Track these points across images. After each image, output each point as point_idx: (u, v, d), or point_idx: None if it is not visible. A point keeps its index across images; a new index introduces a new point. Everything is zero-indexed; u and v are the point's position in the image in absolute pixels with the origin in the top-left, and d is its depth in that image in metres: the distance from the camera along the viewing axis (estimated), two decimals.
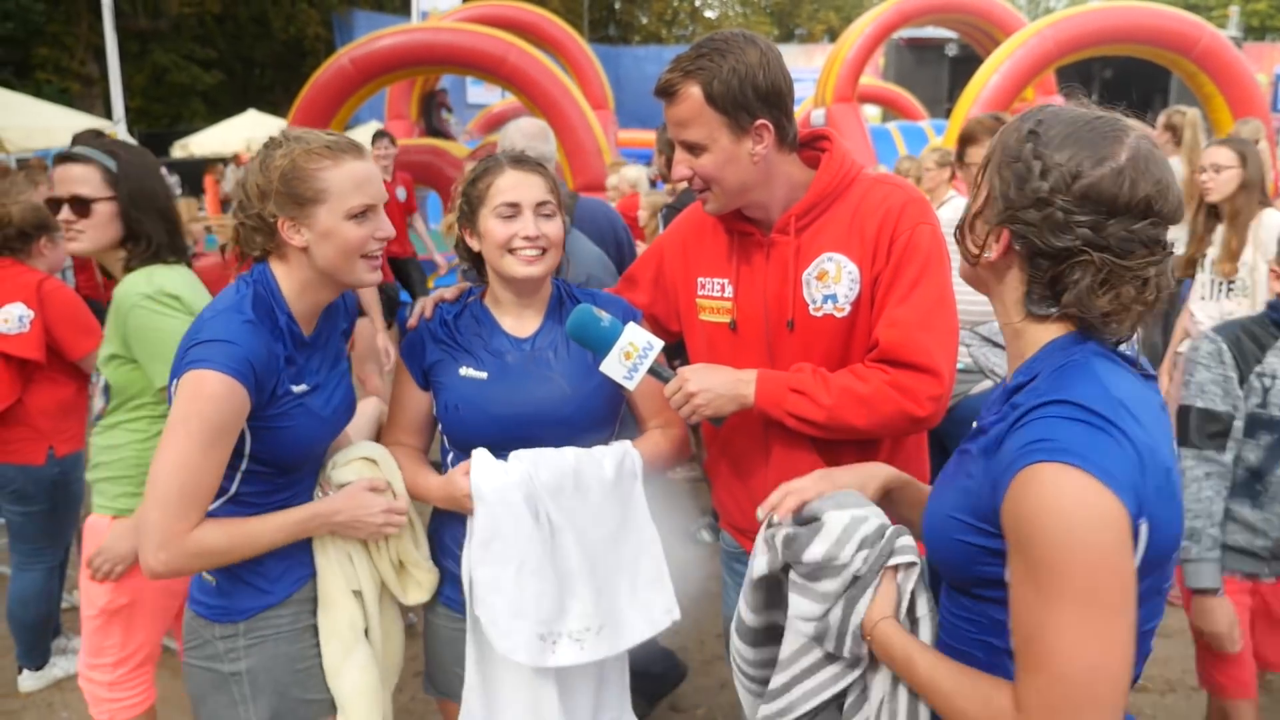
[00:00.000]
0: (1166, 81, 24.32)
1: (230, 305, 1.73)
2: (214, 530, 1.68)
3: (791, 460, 1.91)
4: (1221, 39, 10.46)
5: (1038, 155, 1.22)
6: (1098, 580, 1.11)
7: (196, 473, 1.64)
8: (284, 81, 27.06)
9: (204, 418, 1.63)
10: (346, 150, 1.75)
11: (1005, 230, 1.25)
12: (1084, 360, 1.23)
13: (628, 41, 35.07)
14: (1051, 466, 1.12)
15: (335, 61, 9.89)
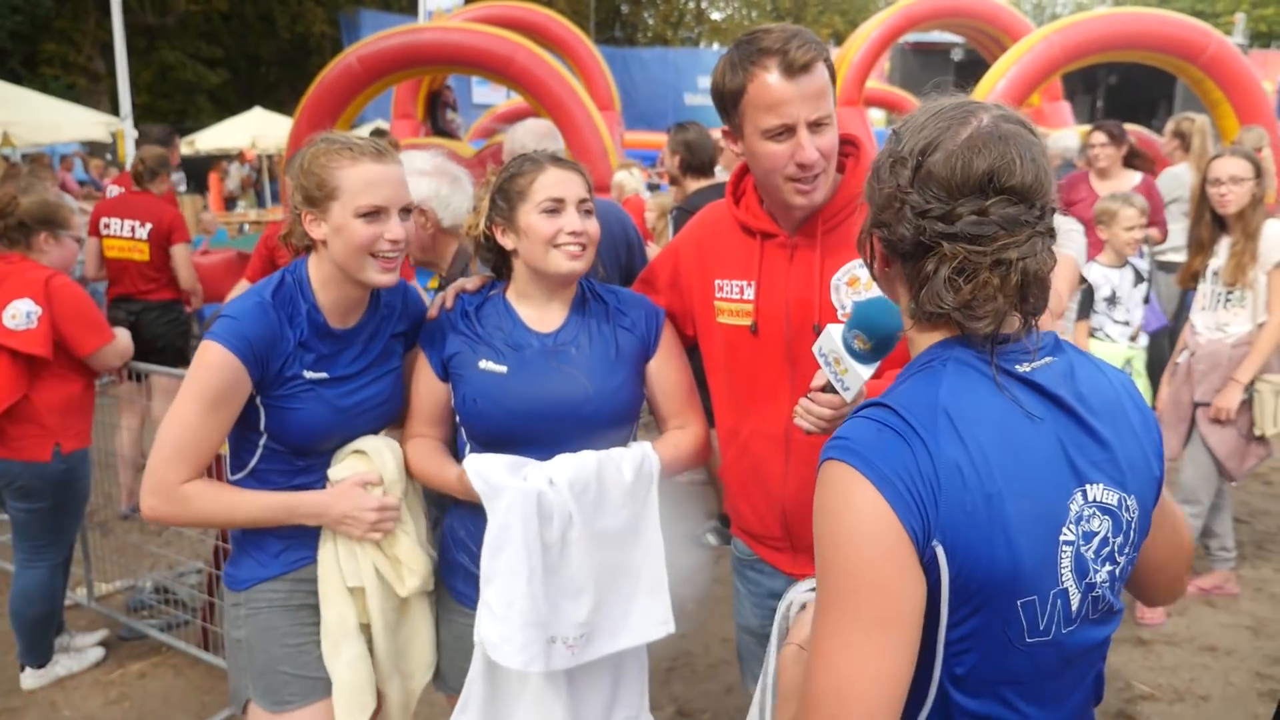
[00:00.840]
0: (1172, 88, 24.26)
1: (257, 288, 1.90)
2: (201, 489, 1.84)
3: (811, 468, 1.88)
4: (1229, 46, 10.44)
5: (891, 152, 1.16)
6: (855, 586, 1.05)
7: (192, 432, 1.80)
8: (289, 79, 27.06)
9: (202, 383, 1.80)
10: (367, 153, 1.85)
11: (874, 235, 1.19)
12: (937, 366, 1.15)
13: (634, 43, 35.07)
14: (834, 465, 1.09)
15: (342, 60, 9.90)
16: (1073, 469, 1.14)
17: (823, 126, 1.74)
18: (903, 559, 1.05)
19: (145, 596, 4.18)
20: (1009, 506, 1.09)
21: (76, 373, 3.51)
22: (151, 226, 5.30)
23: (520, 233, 1.95)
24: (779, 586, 2.03)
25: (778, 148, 1.74)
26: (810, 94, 1.72)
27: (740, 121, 1.78)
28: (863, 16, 38.76)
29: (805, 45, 1.71)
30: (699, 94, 27.32)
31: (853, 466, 1.08)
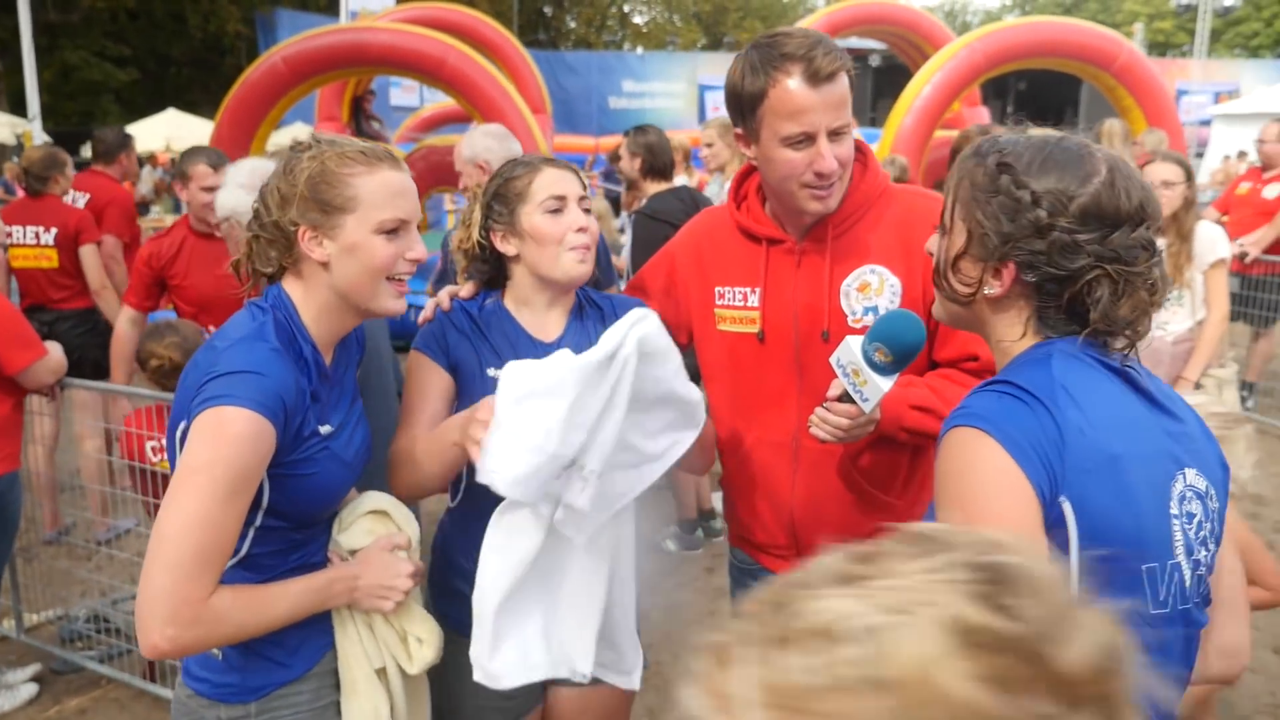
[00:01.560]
0: (1077, 93, 25.33)
1: (250, 333, 1.54)
2: (230, 599, 1.45)
3: (820, 477, 1.89)
4: (1139, 55, 10.87)
5: (1020, 185, 1.22)
6: None
7: (215, 529, 1.41)
8: (202, 80, 26.24)
9: (228, 463, 1.41)
10: (383, 159, 1.61)
11: (1011, 263, 1.25)
12: (1041, 357, 1.24)
13: (557, 46, 34.95)
14: (960, 430, 1.17)
15: (267, 60, 9.61)
16: (1172, 451, 1.23)
17: (841, 135, 1.72)
18: (1029, 515, 1.11)
19: (79, 626, 3.95)
20: (1128, 469, 1.16)
21: (6, 392, 3.30)
22: (57, 231, 5.01)
23: (524, 235, 1.87)
24: None
25: (796, 155, 1.71)
26: (833, 102, 1.69)
27: (757, 126, 1.74)
28: (782, 22, 39.38)
29: (831, 54, 1.68)
30: (624, 97, 27.39)
31: (979, 429, 1.15)
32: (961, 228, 1.29)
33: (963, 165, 1.31)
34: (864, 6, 14.99)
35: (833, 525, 1.90)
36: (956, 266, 1.31)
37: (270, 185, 1.61)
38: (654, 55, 31.47)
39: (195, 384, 1.49)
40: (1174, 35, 37.57)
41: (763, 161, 1.78)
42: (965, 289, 1.30)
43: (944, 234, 1.33)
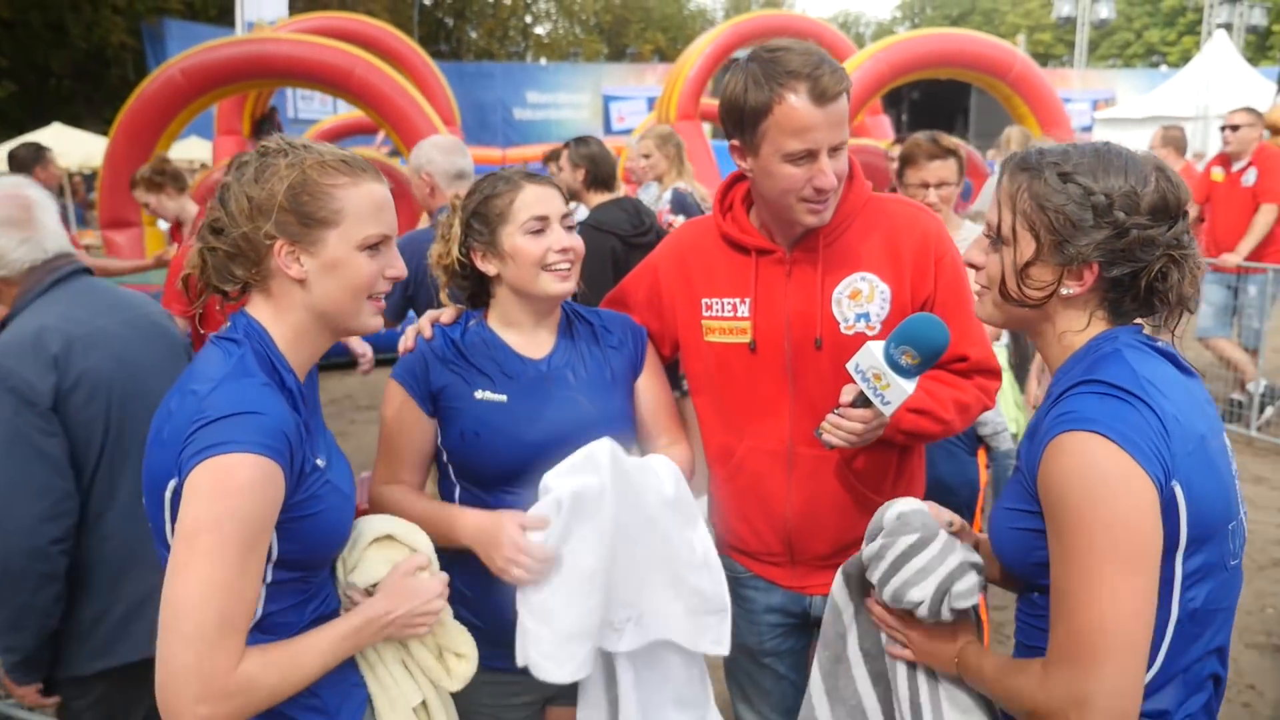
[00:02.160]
0: (967, 102, 26.39)
1: (233, 369, 1.39)
2: (260, 664, 1.33)
3: (816, 483, 1.91)
4: (1032, 65, 11.41)
5: (1091, 191, 1.32)
6: (1114, 537, 1.21)
7: (234, 592, 1.29)
8: (85, 93, 25.07)
9: (239, 518, 1.28)
10: (365, 169, 1.50)
11: (1094, 264, 1.34)
12: (1113, 351, 1.34)
13: (459, 58, 34.62)
14: (1074, 434, 1.25)
15: (164, 72, 9.28)
16: (1214, 418, 1.37)
17: (839, 151, 1.76)
18: (1151, 506, 1.22)
19: None
20: (1211, 445, 1.31)
21: None
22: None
23: (505, 257, 1.85)
24: (776, 602, 2.03)
25: (796, 170, 1.74)
26: (836, 121, 1.72)
27: (758, 140, 1.75)
28: (682, 34, 39.88)
29: (835, 73, 1.70)
30: (529, 109, 27.29)
31: (1094, 433, 1.23)
32: (1028, 237, 1.36)
33: (1015, 179, 1.38)
34: (767, 19, 15.36)
35: (829, 529, 1.94)
36: (1027, 274, 1.37)
37: (235, 191, 1.44)
38: (558, 66, 31.51)
39: (179, 435, 1.34)
40: (1053, 47, 39.48)
41: (760, 174, 1.80)
42: (1038, 293, 1.37)
43: (1002, 246, 1.40)
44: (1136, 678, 1.22)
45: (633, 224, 3.90)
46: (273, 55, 9.35)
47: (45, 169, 5.69)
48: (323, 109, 20.30)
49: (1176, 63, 30.69)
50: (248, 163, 1.46)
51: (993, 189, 5.50)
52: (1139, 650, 1.22)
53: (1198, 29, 29.11)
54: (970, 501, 3.19)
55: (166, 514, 1.35)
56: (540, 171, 4.09)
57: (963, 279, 1.92)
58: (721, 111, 1.81)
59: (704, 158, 13.09)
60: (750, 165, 1.81)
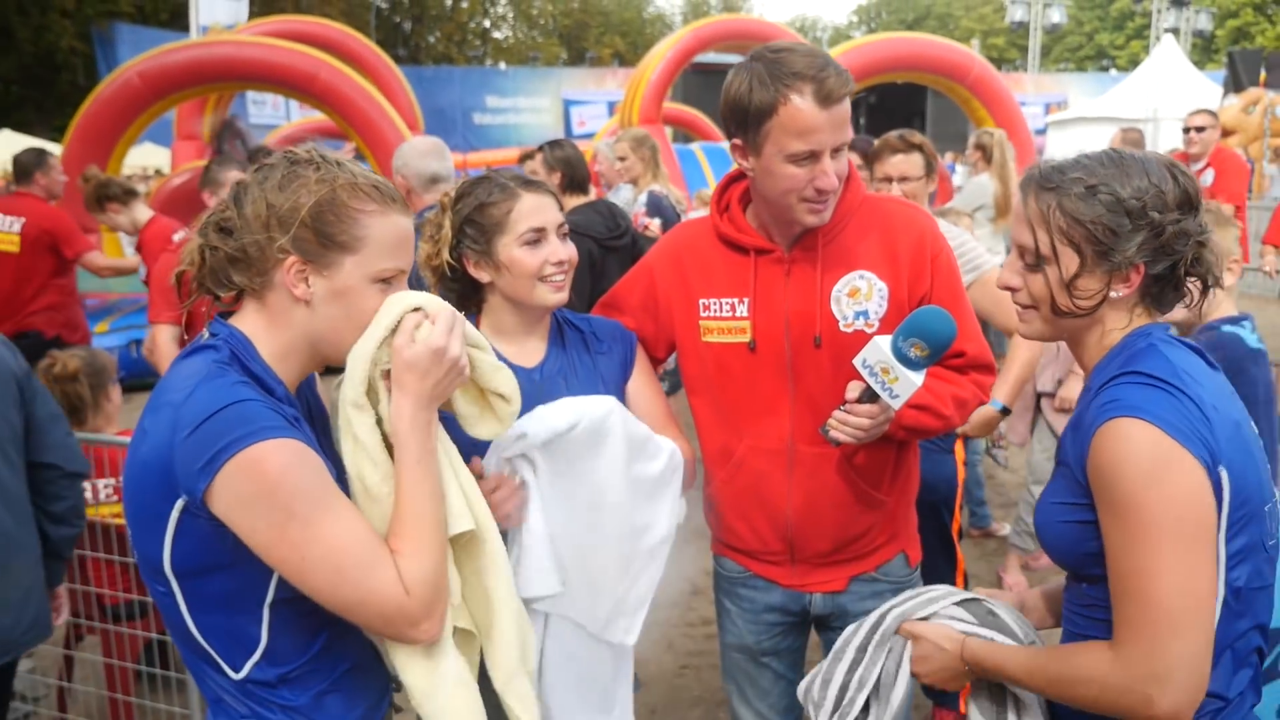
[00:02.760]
0: (923, 105, 26.77)
1: (206, 373, 1.29)
2: (408, 560, 1.31)
3: (817, 480, 1.92)
4: (990, 69, 11.61)
5: (1120, 197, 1.37)
6: (1174, 513, 1.26)
7: (352, 531, 1.29)
8: (35, 99, 24.53)
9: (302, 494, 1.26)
10: (396, 200, 1.42)
11: (1139, 264, 1.40)
12: (1147, 346, 1.41)
13: (418, 62, 34.38)
14: (1122, 420, 1.30)
15: (121, 76, 9.11)
16: (1243, 407, 1.43)
17: (840, 152, 1.78)
18: (1203, 485, 1.28)
19: None
20: (1245, 430, 1.38)
21: None
22: None
23: (501, 267, 1.83)
24: (776, 600, 2.04)
25: (799, 171, 1.75)
26: (840, 123, 1.73)
27: (760, 140, 1.76)
28: (641, 38, 39.97)
29: (840, 75, 1.72)
30: (488, 113, 27.21)
31: (1139, 418, 1.29)
32: (1070, 252, 1.41)
33: (1041, 199, 1.42)
34: (726, 23, 15.43)
35: (830, 527, 1.96)
36: (1075, 287, 1.42)
37: (255, 195, 1.36)
38: (518, 70, 31.44)
39: (162, 452, 1.24)
40: (1006, 51, 40.14)
41: (762, 174, 1.81)
42: (1089, 302, 1.42)
43: (1045, 266, 1.43)
44: (1208, 649, 1.27)
45: (608, 227, 3.90)
46: (235, 58, 9.22)
47: (46, 174, 5.59)
48: (275, 114, 20.04)
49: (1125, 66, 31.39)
50: (274, 166, 1.38)
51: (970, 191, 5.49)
52: (1210, 623, 1.28)
53: (1146, 33, 29.76)
54: (949, 498, 3.22)
55: (168, 540, 1.27)
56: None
57: (956, 275, 1.96)
58: (724, 110, 1.81)
59: (667, 162, 13.14)
60: (752, 165, 1.82)
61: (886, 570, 2.03)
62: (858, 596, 2.01)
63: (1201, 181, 6.45)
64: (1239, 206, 6.33)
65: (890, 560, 2.04)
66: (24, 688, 3.49)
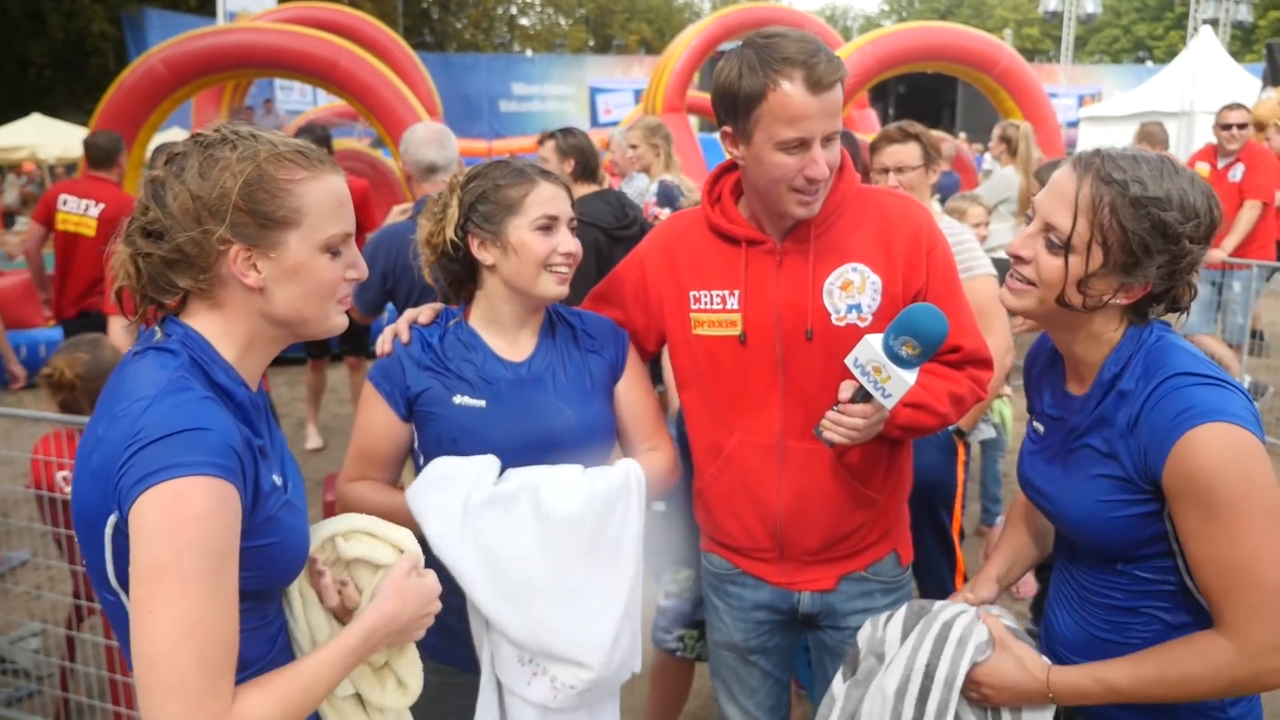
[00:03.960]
0: (954, 96, 26.45)
1: (168, 384, 1.21)
2: (260, 700, 1.19)
3: (807, 476, 1.88)
4: (1019, 60, 11.41)
5: (1165, 221, 1.38)
6: (1269, 501, 1.34)
7: (212, 630, 1.14)
8: (65, 83, 24.83)
9: (200, 549, 1.13)
10: (324, 160, 1.33)
11: (1150, 283, 1.43)
12: (1161, 340, 1.46)
13: (444, 49, 34.41)
14: (1207, 427, 1.35)
15: (145, 62, 9.14)
16: None
17: (832, 141, 1.73)
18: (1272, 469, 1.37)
19: None
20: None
21: None
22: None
23: (509, 249, 1.80)
24: (764, 598, 2.00)
25: (789, 159, 1.71)
26: (830, 110, 1.69)
27: (751, 127, 1.71)
28: (669, 25, 39.76)
29: (831, 62, 1.67)
30: (514, 100, 27.17)
31: (1226, 422, 1.34)
32: (1098, 250, 1.41)
33: (1098, 190, 1.40)
34: (752, 11, 15.25)
35: (820, 524, 1.92)
36: (1088, 284, 1.43)
37: (175, 189, 1.26)
38: (544, 58, 31.35)
39: (111, 462, 1.17)
40: (1040, 42, 39.54)
41: (752, 162, 1.76)
42: (1093, 302, 1.44)
43: (1070, 253, 1.42)
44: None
45: (616, 217, 3.86)
46: (256, 45, 9.24)
47: (125, 159, 5.66)
48: (302, 100, 20.14)
49: (1163, 58, 30.83)
50: (186, 154, 1.28)
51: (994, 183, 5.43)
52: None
53: (1185, 24, 29.21)
54: (949, 497, 3.16)
55: (107, 552, 1.20)
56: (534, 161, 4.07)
57: (953, 270, 1.91)
58: (714, 97, 1.77)
59: (690, 150, 13.06)
60: (742, 153, 1.78)
61: (877, 570, 2.00)
62: (847, 596, 1.98)
63: (1230, 176, 6.33)
64: (1268, 202, 6.19)
65: (881, 559, 2.00)
66: (30, 666, 3.54)
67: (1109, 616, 1.54)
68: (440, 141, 3.53)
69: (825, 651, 2.05)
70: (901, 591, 2.04)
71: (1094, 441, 1.48)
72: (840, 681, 1.75)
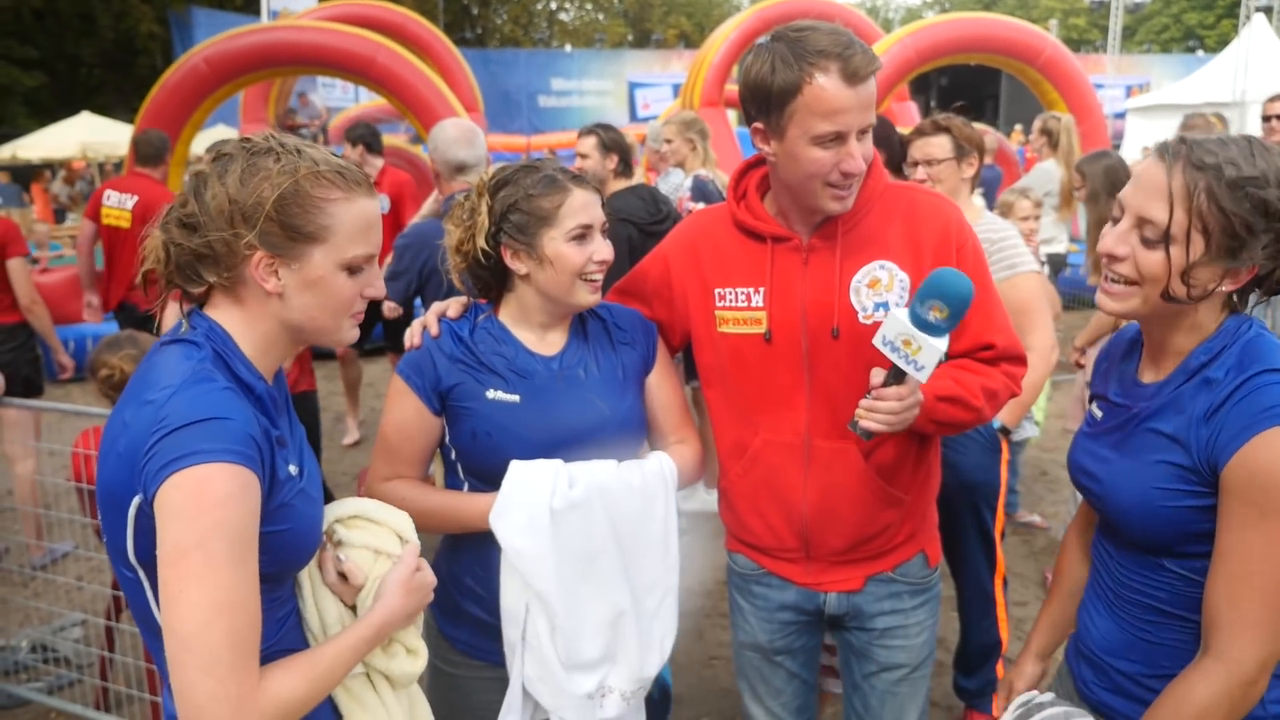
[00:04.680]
0: (997, 88, 26.05)
1: (191, 375, 1.28)
2: (286, 678, 1.27)
3: (833, 476, 1.86)
4: (1063, 50, 11.19)
5: (1266, 199, 1.34)
6: None
7: (238, 609, 1.21)
8: (115, 82, 25.33)
9: (224, 532, 1.19)
10: (360, 183, 1.39)
11: (1255, 265, 1.39)
12: (1261, 335, 1.43)
13: (484, 44, 34.58)
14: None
15: (188, 61, 9.29)
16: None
17: (866, 134, 1.70)
18: None
19: (22, 657, 3.74)
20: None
21: None
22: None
23: (544, 260, 1.79)
24: (790, 599, 1.99)
25: (824, 154, 1.67)
26: (866, 102, 1.66)
27: (784, 122, 1.68)
28: (708, 19, 39.58)
29: (865, 54, 1.64)
30: (554, 96, 27.22)
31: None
32: (1199, 238, 1.37)
33: (1191, 177, 1.36)
34: (793, 4, 15.11)
35: (846, 524, 1.89)
36: (1191, 275, 1.39)
37: (215, 189, 1.33)
38: (583, 53, 31.35)
39: (138, 447, 1.24)
40: (1087, 32, 38.79)
41: (785, 158, 1.73)
42: (1199, 291, 1.40)
43: (1171, 244, 1.38)
44: None
45: (649, 212, 3.86)
46: (294, 43, 9.35)
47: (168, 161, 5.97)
48: (344, 96, 20.35)
49: (1214, 47, 30.09)
50: (232, 157, 1.35)
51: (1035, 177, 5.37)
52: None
53: (1236, 12, 28.48)
54: (991, 496, 3.11)
55: (129, 532, 1.26)
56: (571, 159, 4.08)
57: (984, 265, 1.86)
58: (744, 93, 1.73)
59: (728, 145, 12.98)
60: (774, 149, 1.74)
61: (904, 570, 1.97)
62: (874, 597, 1.96)
63: None
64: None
65: (909, 560, 1.97)
66: (71, 655, 3.61)
67: (1147, 616, 1.51)
68: (470, 140, 3.53)
69: (852, 653, 2.03)
70: (930, 593, 2.01)
71: (1161, 425, 1.45)
72: None
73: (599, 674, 1.77)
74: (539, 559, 1.69)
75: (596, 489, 1.73)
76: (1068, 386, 6.16)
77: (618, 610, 1.77)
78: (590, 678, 1.76)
